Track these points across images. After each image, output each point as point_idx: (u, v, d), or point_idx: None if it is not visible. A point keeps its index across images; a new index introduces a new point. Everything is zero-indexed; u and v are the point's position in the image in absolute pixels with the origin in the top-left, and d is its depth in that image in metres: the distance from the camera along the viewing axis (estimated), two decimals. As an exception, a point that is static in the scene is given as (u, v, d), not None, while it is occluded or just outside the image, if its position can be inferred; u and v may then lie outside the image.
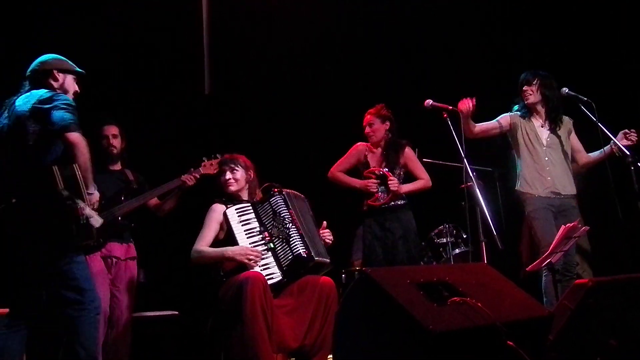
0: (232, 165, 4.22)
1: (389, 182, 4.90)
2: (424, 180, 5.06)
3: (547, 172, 4.68)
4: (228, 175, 4.20)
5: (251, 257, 3.84)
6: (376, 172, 4.97)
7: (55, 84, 3.51)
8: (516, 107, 4.87)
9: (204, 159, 4.54)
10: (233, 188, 4.20)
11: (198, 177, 4.52)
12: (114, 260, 4.36)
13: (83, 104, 3.53)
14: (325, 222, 4.30)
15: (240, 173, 4.22)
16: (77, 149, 3.28)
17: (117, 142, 4.56)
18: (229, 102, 6.48)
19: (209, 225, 4.03)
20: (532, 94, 4.76)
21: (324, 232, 4.27)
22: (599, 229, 5.55)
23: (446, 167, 5.38)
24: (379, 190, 4.95)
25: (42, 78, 3.49)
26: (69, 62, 3.62)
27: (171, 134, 5.79)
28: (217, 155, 4.55)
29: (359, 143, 5.17)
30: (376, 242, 4.90)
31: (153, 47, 5.88)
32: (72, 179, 3.31)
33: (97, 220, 3.34)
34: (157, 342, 4.71)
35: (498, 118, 4.88)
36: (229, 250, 3.90)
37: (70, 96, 3.51)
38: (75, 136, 3.28)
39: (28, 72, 3.54)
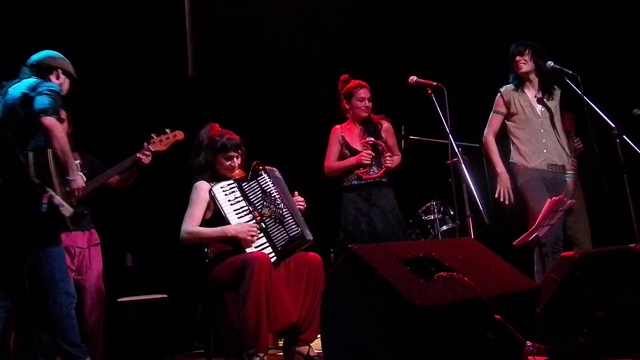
0: (240, 152, 4.06)
1: (386, 157, 4.87)
2: (398, 157, 5.07)
3: (543, 144, 4.65)
4: (236, 162, 4.04)
5: (253, 233, 3.77)
6: (370, 142, 4.91)
7: (55, 82, 3.55)
8: (510, 81, 4.82)
9: (152, 135, 4.26)
10: (236, 175, 4.08)
11: (149, 154, 4.26)
12: (77, 249, 4.20)
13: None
14: (296, 192, 4.16)
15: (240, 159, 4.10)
16: (51, 133, 3.26)
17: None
18: (212, 84, 6.42)
19: (197, 204, 3.88)
20: (526, 63, 4.71)
21: (298, 200, 4.13)
22: (586, 202, 5.61)
23: (432, 144, 5.36)
24: (372, 163, 4.89)
25: (45, 72, 3.54)
26: (70, 65, 3.72)
27: (155, 116, 5.73)
28: (167, 130, 4.30)
29: (334, 127, 5.07)
30: (361, 217, 4.81)
31: (135, 29, 5.81)
32: (45, 166, 3.27)
33: (67, 210, 3.29)
34: (146, 326, 4.70)
35: (495, 108, 4.81)
36: (231, 228, 3.77)
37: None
38: (49, 120, 3.26)
39: (33, 62, 3.57)
